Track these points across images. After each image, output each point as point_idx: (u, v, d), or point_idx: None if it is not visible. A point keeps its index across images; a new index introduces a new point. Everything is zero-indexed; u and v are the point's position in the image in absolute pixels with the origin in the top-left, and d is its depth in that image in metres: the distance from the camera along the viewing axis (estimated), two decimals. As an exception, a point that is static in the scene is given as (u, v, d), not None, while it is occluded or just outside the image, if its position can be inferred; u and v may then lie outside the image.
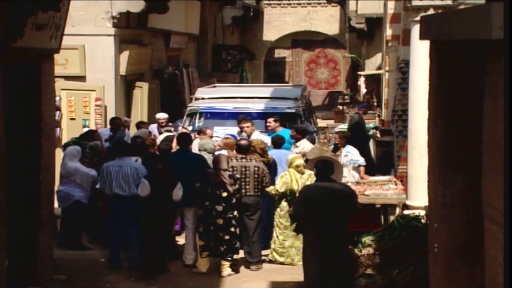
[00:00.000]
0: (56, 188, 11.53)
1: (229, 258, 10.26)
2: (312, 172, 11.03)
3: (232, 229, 10.23)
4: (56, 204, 12.06)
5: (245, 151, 10.64)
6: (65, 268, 10.20)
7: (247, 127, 13.16)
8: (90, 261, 10.80)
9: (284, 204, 10.72)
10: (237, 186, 10.28)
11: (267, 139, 12.53)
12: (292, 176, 10.66)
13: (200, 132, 13.17)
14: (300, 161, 10.92)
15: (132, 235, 10.41)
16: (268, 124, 13.69)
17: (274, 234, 10.88)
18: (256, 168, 10.49)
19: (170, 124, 15.26)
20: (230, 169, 10.32)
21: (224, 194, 10.16)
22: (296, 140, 13.18)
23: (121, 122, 14.16)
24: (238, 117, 13.87)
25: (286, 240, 10.79)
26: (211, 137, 12.87)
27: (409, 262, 8.35)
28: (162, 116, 15.23)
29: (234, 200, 10.24)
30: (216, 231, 10.21)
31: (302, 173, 10.79)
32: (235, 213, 10.28)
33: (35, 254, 8.99)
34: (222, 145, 12.20)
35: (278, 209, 10.80)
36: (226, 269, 10.30)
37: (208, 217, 10.17)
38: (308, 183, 10.70)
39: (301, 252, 10.73)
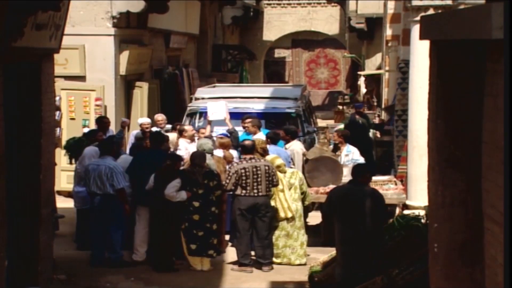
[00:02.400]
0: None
1: (208, 254, 10.39)
2: (294, 170, 11.11)
3: (208, 225, 10.32)
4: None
5: (251, 151, 10.60)
6: (65, 268, 10.21)
7: (246, 126, 13.18)
8: (90, 261, 10.79)
9: (271, 204, 10.70)
10: (215, 182, 10.37)
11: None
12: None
13: (181, 131, 13.17)
14: (280, 161, 10.96)
15: (111, 233, 10.54)
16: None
17: None
18: (266, 168, 10.41)
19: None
20: (243, 171, 10.31)
21: (200, 191, 10.26)
22: (286, 142, 13.11)
23: (109, 121, 13.90)
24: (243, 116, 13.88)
25: (279, 241, 10.77)
26: (193, 135, 12.88)
27: (409, 262, 8.35)
28: (160, 117, 14.46)
29: (212, 197, 10.34)
30: (190, 228, 10.30)
31: (284, 172, 10.82)
32: (213, 209, 10.36)
33: (35, 254, 8.99)
34: (217, 145, 12.13)
35: None
36: (206, 264, 10.44)
37: (186, 213, 10.30)
38: (292, 181, 10.77)
39: (296, 251, 10.78)
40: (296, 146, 12.96)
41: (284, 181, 10.72)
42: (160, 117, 14.37)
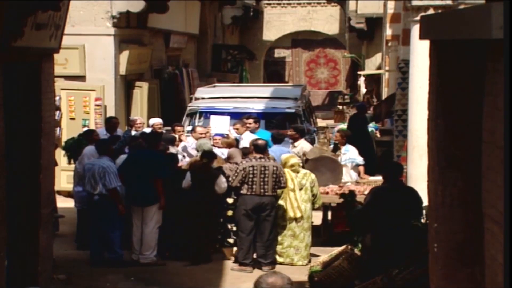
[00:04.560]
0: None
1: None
2: (307, 171, 11.08)
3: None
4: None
5: (264, 151, 10.65)
6: (65, 268, 10.21)
7: (237, 128, 13.30)
8: (89, 261, 10.80)
9: (281, 203, 10.71)
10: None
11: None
12: (288, 176, 10.65)
13: (192, 130, 13.37)
14: (295, 160, 10.95)
15: (108, 233, 10.57)
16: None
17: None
18: (274, 168, 10.40)
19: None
20: (251, 168, 10.38)
21: None
22: (294, 140, 13.19)
23: (118, 122, 13.81)
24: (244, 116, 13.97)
25: (284, 240, 10.76)
26: (202, 136, 12.96)
27: (409, 262, 8.35)
28: (158, 121, 14.33)
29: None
30: (225, 223, 10.81)
31: (297, 172, 10.80)
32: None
33: (35, 254, 8.98)
34: (223, 145, 12.24)
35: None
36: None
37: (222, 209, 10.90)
38: (303, 182, 10.75)
39: (300, 252, 10.76)
40: (304, 144, 13.08)
41: (295, 181, 10.71)
42: (139, 120, 14.22)
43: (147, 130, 13.47)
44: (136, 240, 10.77)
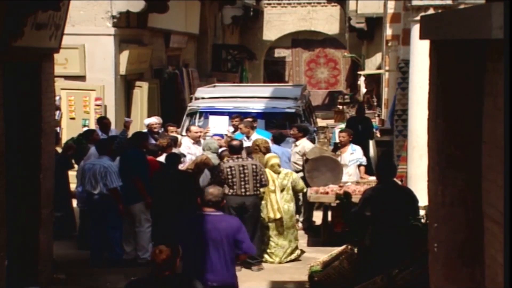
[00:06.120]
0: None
1: None
2: (289, 171, 11.12)
3: None
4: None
5: (239, 151, 10.59)
6: (65, 268, 10.21)
7: (238, 125, 13.36)
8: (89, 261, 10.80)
9: (262, 204, 10.71)
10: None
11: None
12: (269, 176, 10.65)
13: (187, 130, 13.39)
14: (276, 161, 10.94)
15: (108, 233, 10.57)
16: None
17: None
18: (254, 167, 10.38)
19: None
20: (229, 170, 10.32)
21: None
22: (296, 139, 13.22)
23: (109, 121, 13.83)
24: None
25: (271, 241, 10.77)
26: (198, 136, 12.97)
27: (409, 262, 8.35)
28: (154, 121, 14.02)
29: None
30: None
31: (278, 173, 10.81)
32: None
33: (35, 253, 8.99)
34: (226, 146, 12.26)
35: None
36: None
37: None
38: (285, 182, 10.76)
39: (286, 250, 10.81)
40: (306, 144, 13.10)
41: (276, 182, 10.70)
42: (153, 120, 14.18)
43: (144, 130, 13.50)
44: (125, 240, 10.80)
